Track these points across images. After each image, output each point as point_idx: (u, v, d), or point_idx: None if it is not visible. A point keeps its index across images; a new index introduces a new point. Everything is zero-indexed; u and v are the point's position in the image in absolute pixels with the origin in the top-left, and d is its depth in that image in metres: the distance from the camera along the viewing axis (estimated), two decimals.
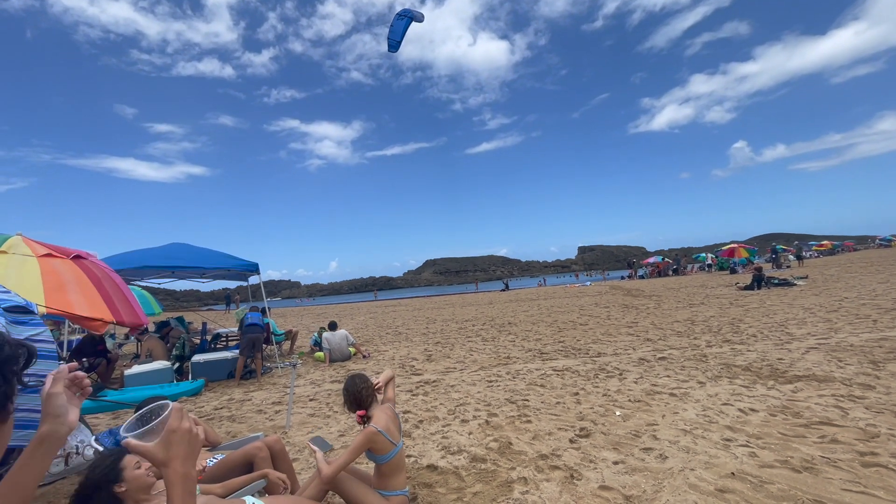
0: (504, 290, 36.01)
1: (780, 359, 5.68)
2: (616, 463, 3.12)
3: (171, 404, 0.91)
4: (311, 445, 2.71)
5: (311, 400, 5.62)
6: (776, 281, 16.16)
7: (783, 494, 2.54)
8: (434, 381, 6.10)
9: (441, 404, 4.97)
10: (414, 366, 7.35)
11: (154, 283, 10.33)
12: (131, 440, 0.86)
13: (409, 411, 4.80)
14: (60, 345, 7.65)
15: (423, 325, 13.85)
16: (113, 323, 3.65)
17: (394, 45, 5.10)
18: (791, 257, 32.57)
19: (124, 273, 6.83)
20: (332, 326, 8.80)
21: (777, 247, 34.79)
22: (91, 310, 3.32)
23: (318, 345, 8.83)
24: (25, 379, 0.82)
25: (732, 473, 2.82)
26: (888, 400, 3.91)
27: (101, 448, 2.85)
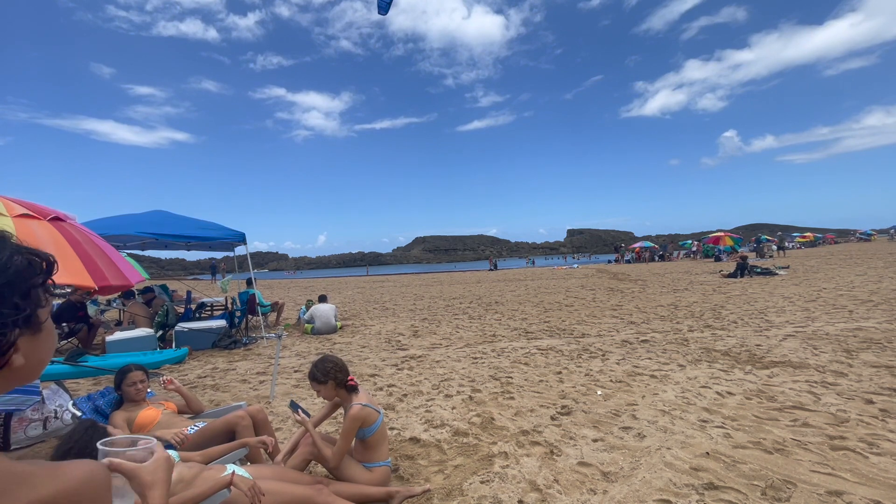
0: (492, 270, 36.28)
1: (759, 345, 5.82)
2: (595, 440, 3.19)
3: (153, 438, 0.95)
4: (299, 414, 2.60)
5: (295, 371, 5.62)
6: (759, 270, 16.49)
7: (754, 474, 2.62)
8: (420, 357, 6.14)
9: (426, 379, 5.02)
10: (400, 341, 7.39)
11: (136, 251, 10.13)
12: (118, 459, 0.86)
13: (393, 385, 4.83)
14: None
15: (410, 302, 13.89)
16: (94, 289, 3.52)
17: (384, 6, 4.76)
18: (774, 247, 33.20)
19: (105, 240, 6.64)
20: (322, 299, 9.06)
21: (761, 237, 35.45)
22: (68, 276, 3.21)
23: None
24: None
25: (707, 453, 2.90)
26: (859, 387, 4.04)
27: (79, 413, 2.81)
